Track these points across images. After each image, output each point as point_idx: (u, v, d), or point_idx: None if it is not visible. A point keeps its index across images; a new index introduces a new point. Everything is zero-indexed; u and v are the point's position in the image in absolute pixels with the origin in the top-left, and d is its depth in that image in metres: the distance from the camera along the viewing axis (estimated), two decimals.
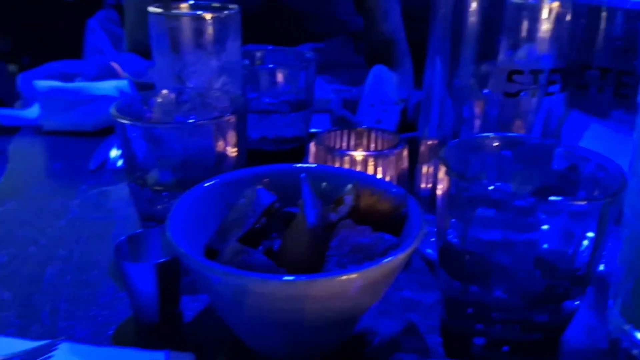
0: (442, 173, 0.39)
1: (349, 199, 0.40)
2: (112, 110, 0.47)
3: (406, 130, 0.70)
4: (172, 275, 0.41)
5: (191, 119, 0.52)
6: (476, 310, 0.39)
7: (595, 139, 0.47)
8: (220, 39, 0.61)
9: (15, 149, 0.76)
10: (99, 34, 1.70)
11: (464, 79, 0.49)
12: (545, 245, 0.36)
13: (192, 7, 0.65)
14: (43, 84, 0.81)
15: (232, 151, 0.49)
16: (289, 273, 0.34)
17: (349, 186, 0.41)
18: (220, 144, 0.48)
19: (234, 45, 0.63)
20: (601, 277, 0.48)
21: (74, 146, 0.77)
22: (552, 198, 0.34)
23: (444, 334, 0.42)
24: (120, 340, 0.41)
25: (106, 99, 0.80)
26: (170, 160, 0.47)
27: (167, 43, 0.61)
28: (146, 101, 0.53)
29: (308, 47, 1.11)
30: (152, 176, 0.47)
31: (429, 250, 0.51)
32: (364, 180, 0.42)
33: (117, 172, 0.69)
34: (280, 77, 0.70)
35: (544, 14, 0.45)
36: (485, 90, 0.48)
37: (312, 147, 0.52)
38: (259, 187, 0.41)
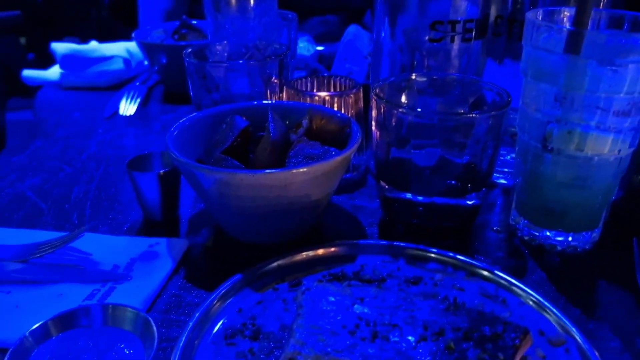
0: (374, 103, 0.51)
1: (304, 122, 0.52)
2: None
3: None
4: (172, 183, 0.54)
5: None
6: (402, 205, 0.52)
7: (495, 75, 0.59)
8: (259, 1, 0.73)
9: (41, 103, 0.89)
10: None
11: (404, 33, 0.60)
12: (447, 152, 0.48)
13: None
14: (61, 46, 0.94)
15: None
16: None
17: (305, 114, 0.53)
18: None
19: (272, 6, 0.74)
20: (509, 188, 0.61)
21: (90, 99, 0.90)
22: (446, 114, 0.46)
23: (380, 225, 0.55)
24: (131, 234, 0.54)
25: (116, 58, 0.92)
26: None
27: (213, 6, 0.73)
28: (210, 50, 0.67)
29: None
30: None
31: None
32: (317, 109, 0.54)
33: (126, 119, 0.82)
34: None
35: None
36: (422, 40, 0.59)
37: (285, 90, 0.64)
38: (237, 115, 0.54)
